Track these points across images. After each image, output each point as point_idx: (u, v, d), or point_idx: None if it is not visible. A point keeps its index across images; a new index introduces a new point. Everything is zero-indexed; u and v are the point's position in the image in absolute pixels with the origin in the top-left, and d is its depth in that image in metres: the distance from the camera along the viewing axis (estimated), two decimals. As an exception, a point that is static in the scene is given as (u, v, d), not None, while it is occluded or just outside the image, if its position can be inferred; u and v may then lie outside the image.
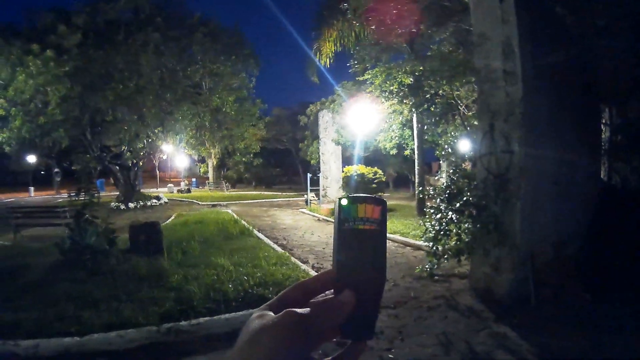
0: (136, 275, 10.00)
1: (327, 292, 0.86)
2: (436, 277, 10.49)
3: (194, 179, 67.63)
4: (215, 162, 62.50)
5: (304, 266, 11.57)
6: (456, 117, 17.46)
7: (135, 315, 7.52)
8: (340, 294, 0.81)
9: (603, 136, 11.82)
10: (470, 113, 16.19)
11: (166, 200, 37.48)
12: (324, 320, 0.78)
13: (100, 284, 9.30)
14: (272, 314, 0.77)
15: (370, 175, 26.51)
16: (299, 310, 0.76)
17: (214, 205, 33.44)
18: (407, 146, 25.33)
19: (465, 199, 9.69)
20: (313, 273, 10.71)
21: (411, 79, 16.64)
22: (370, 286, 0.82)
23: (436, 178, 31.16)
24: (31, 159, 56.90)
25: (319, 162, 33.90)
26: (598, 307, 8.00)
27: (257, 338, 0.72)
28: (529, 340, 6.85)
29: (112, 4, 28.69)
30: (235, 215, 23.59)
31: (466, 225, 9.76)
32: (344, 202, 0.85)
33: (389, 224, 18.34)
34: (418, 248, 13.85)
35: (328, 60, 23.55)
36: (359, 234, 0.83)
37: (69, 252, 10.97)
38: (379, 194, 26.10)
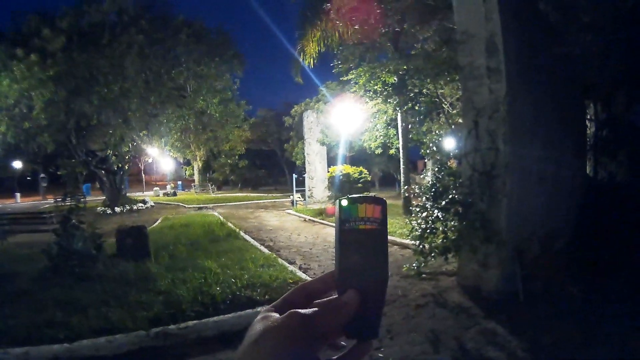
0: (124, 280, 9.96)
1: (330, 292, 0.87)
2: (424, 275, 10.51)
3: (179, 182, 67.59)
4: (200, 165, 62.35)
5: (291, 267, 11.56)
6: (440, 115, 17.50)
7: (124, 320, 7.51)
8: (344, 294, 0.82)
9: (588, 132, 11.89)
10: (454, 111, 16.24)
11: (152, 204, 37.37)
12: (328, 320, 0.79)
13: (89, 290, 9.26)
14: (277, 315, 0.79)
15: (356, 175, 26.57)
16: (302, 311, 0.77)
17: (200, 208, 33.44)
18: (392, 145, 25.35)
19: (450, 196, 9.73)
20: (300, 274, 10.73)
21: (395, 78, 16.69)
22: (373, 286, 0.84)
23: (422, 176, 31.16)
24: (17, 164, 56.54)
25: (304, 163, 33.90)
26: (587, 301, 8.05)
27: (262, 339, 0.73)
28: (519, 336, 6.89)
29: (96, 7, 28.52)
30: (221, 218, 23.53)
31: (452, 223, 9.79)
32: (345, 202, 0.85)
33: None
34: (405, 247, 13.84)
35: (312, 60, 23.53)
36: (360, 234, 0.84)
37: (56, 258, 10.90)
38: (365, 193, 26.10)
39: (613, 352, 6.35)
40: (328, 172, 29.35)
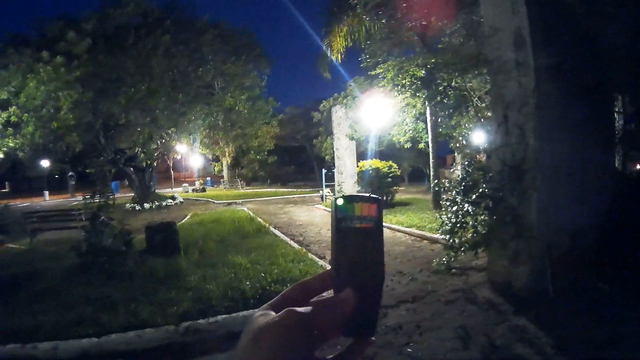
0: (154, 276, 10.05)
1: (328, 291, 0.87)
2: (453, 271, 10.49)
3: (208, 178, 68.09)
4: (229, 161, 62.71)
5: (321, 262, 11.59)
6: (469, 109, 17.39)
7: (153, 315, 7.57)
8: (341, 292, 0.82)
9: (617, 125, 11.74)
10: (483, 105, 16.13)
11: (181, 200, 37.71)
12: (325, 318, 0.79)
13: (118, 286, 9.36)
14: (274, 313, 0.79)
15: (385, 170, 26.44)
16: (299, 309, 0.77)
17: (229, 204, 33.60)
18: (421, 139, 25.27)
19: (481, 191, 9.67)
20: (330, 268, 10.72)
21: (423, 72, 16.62)
22: (370, 284, 0.84)
23: (451, 171, 31.02)
24: (45, 163, 57.04)
25: (333, 158, 33.84)
26: (616, 298, 7.97)
27: (259, 337, 0.74)
28: (548, 333, 6.83)
29: (121, 10, 28.71)
30: (251, 213, 23.67)
31: (482, 217, 9.74)
32: (340, 201, 0.85)
33: (405, 218, 18.46)
34: (435, 241, 13.81)
35: (339, 55, 23.60)
36: (356, 233, 0.84)
37: (85, 254, 11.00)
38: (394, 188, 26.28)
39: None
40: (357, 167, 29.26)
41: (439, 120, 21.20)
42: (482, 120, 14.61)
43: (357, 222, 0.83)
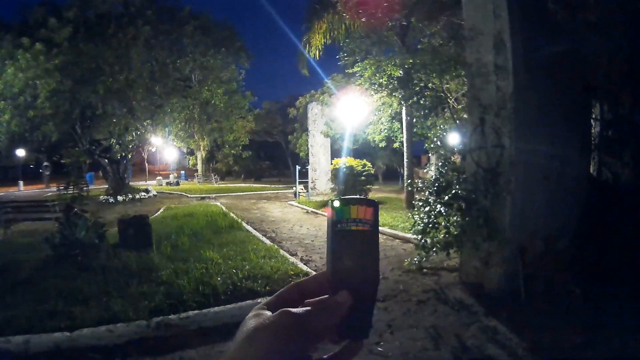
0: (126, 270, 9.96)
1: (323, 292, 0.87)
2: (425, 270, 10.52)
3: (182, 172, 67.59)
4: (204, 155, 62.32)
5: (292, 259, 11.56)
6: (446, 110, 17.45)
7: (125, 310, 7.50)
8: (336, 294, 0.83)
9: (593, 131, 11.83)
10: (459, 106, 16.19)
11: (155, 193, 37.46)
12: (320, 320, 0.79)
13: (91, 279, 9.25)
14: (269, 312, 0.79)
15: (359, 168, 26.41)
16: (294, 310, 0.78)
17: (202, 198, 33.45)
18: (396, 139, 25.31)
19: (454, 192, 9.70)
20: (301, 265, 10.73)
21: (401, 72, 16.64)
22: (365, 286, 0.84)
23: (425, 171, 31.09)
24: (20, 153, 56.33)
25: (308, 155, 33.81)
26: (588, 301, 8.02)
27: (253, 337, 0.74)
28: (519, 334, 6.87)
29: (103, -2, 28.58)
30: (224, 208, 23.52)
31: (455, 218, 9.78)
32: (337, 203, 0.86)
33: (378, 217, 18.61)
34: (407, 241, 13.86)
35: (318, 52, 23.56)
36: (352, 235, 0.85)
37: (59, 247, 10.90)
38: (368, 186, 26.21)
39: (613, 352, 6.34)
40: (331, 164, 29.21)
41: (415, 120, 21.23)
42: (457, 121, 14.66)
43: (352, 224, 0.84)
